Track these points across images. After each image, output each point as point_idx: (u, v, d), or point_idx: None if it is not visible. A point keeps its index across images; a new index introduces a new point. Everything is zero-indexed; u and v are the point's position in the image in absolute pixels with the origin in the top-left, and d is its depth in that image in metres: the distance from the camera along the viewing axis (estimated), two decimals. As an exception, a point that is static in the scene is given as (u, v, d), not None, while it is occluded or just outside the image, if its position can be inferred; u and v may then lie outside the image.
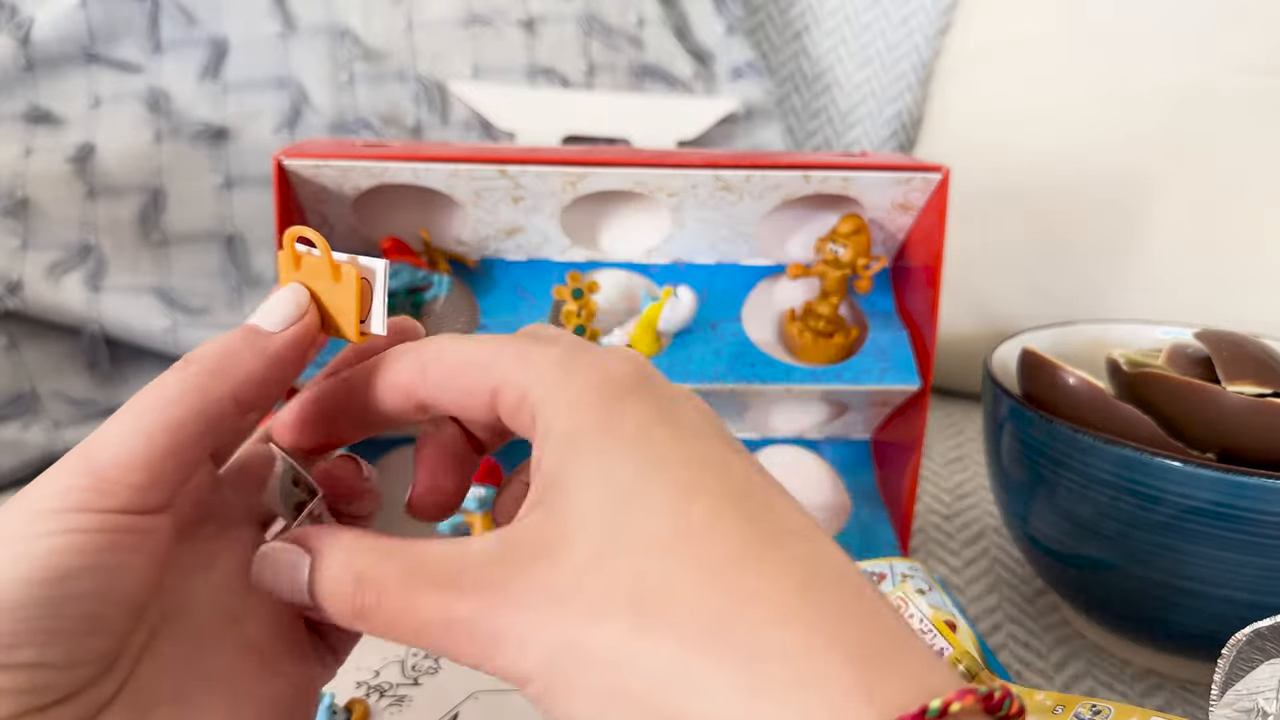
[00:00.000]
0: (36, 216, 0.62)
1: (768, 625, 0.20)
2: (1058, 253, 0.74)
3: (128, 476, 0.24)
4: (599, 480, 0.23)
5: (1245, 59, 0.71)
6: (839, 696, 0.19)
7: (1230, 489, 0.39)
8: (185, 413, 0.25)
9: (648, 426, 0.23)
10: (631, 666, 0.21)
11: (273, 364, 0.27)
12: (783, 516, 0.22)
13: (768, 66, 0.87)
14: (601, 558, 0.22)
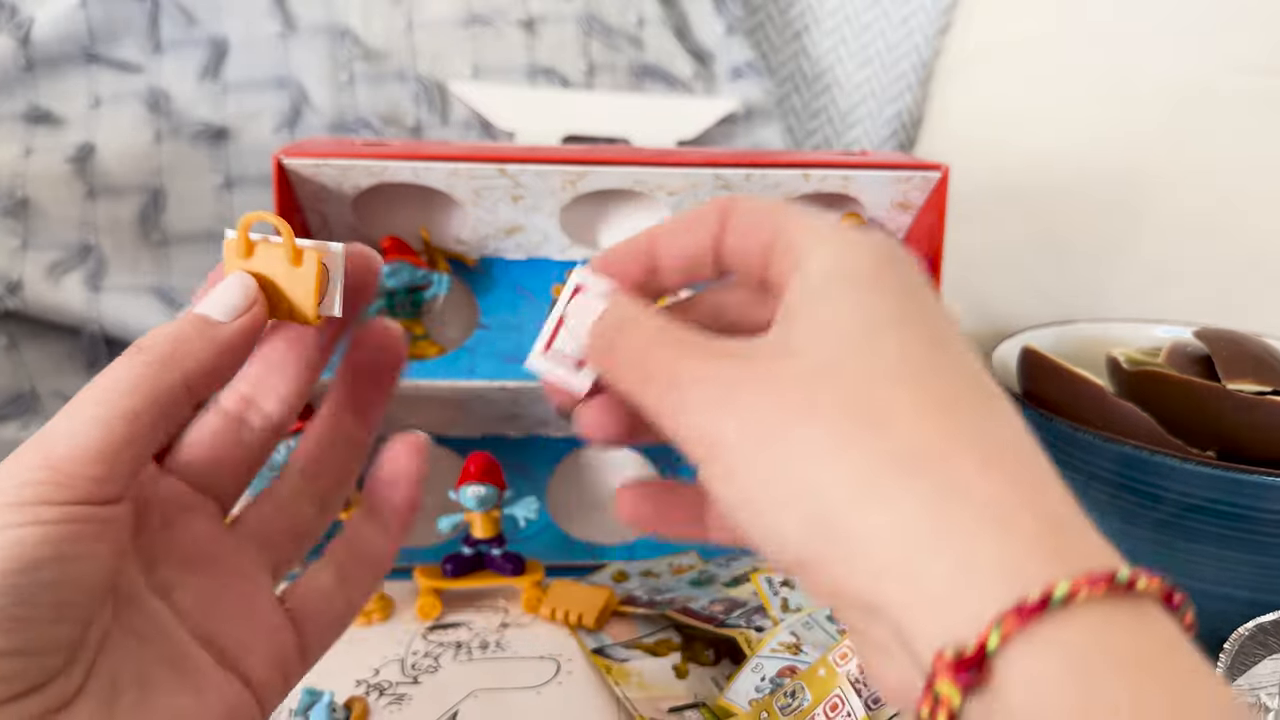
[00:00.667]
0: (36, 216, 0.62)
1: (968, 469, 0.21)
2: (1058, 253, 0.74)
3: (86, 469, 0.24)
4: (853, 310, 0.24)
5: (1245, 59, 0.71)
6: (1023, 545, 0.19)
7: (1230, 486, 0.39)
8: (139, 402, 0.25)
9: (903, 291, 0.24)
10: (824, 464, 0.21)
11: (223, 352, 0.27)
12: (998, 395, 0.23)
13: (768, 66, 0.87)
14: (833, 370, 0.23)
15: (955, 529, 0.20)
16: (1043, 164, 0.75)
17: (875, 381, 0.22)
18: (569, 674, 0.45)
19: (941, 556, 0.20)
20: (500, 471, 0.50)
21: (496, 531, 0.50)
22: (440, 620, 0.49)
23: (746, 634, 0.43)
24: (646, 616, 0.49)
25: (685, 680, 0.44)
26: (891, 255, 0.25)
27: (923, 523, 0.20)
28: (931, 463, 0.21)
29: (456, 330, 0.56)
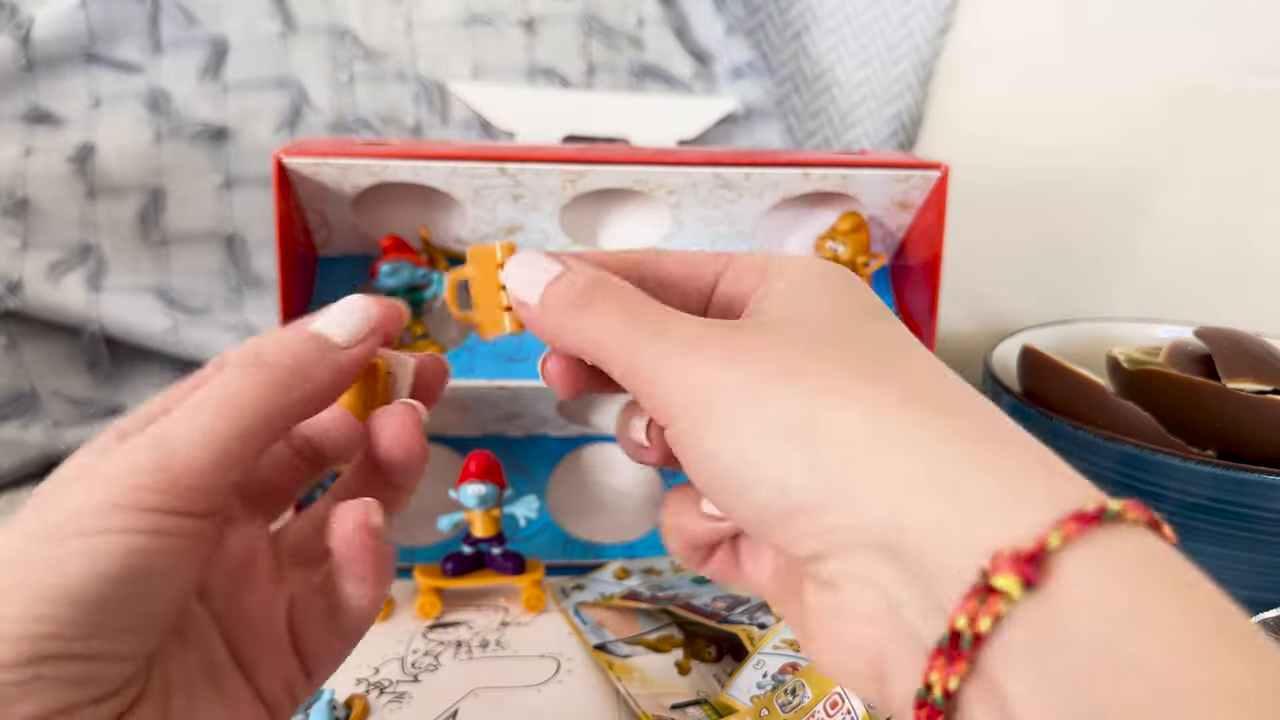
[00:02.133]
0: (36, 216, 0.62)
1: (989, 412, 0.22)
2: (1058, 252, 0.74)
3: (201, 482, 0.24)
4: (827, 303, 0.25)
5: (1245, 59, 0.71)
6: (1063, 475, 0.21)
7: (1230, 485, 0.39)
8: (257, 421, 0.25)
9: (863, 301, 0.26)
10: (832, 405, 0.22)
11: (339, 378, 0.27)
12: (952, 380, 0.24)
13: (768, 66, 0.87)
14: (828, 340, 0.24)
15: (990, 458, 0.21)
16: (1043, 164, 0.75)
17: (867, 351, 0.24)
18: (569, 672, 0.45)
19: (974, 477, 0.21)
20: (500, 470, 0.50)
21: (496, 530, 0.50)
22: (440, 619, 0.49)
23: (749, 630, 0.43)
24: (649, 613, 0.49)
25: (687, 677, 0.44)
26: (849, 278, 0.27)
27: (945, 449, 0.21)
28: (948, 405, 0.22)
29: (456, 330, 0.56)
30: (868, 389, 0.22)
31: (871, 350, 0.24)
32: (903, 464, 0.21)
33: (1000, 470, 0.21)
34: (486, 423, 0.57)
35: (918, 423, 0.22)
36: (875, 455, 0.21)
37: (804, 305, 0.25)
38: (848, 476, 0.22)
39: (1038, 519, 0.19)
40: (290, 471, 0.30)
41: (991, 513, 0.20)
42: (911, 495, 0.21)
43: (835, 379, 0.23)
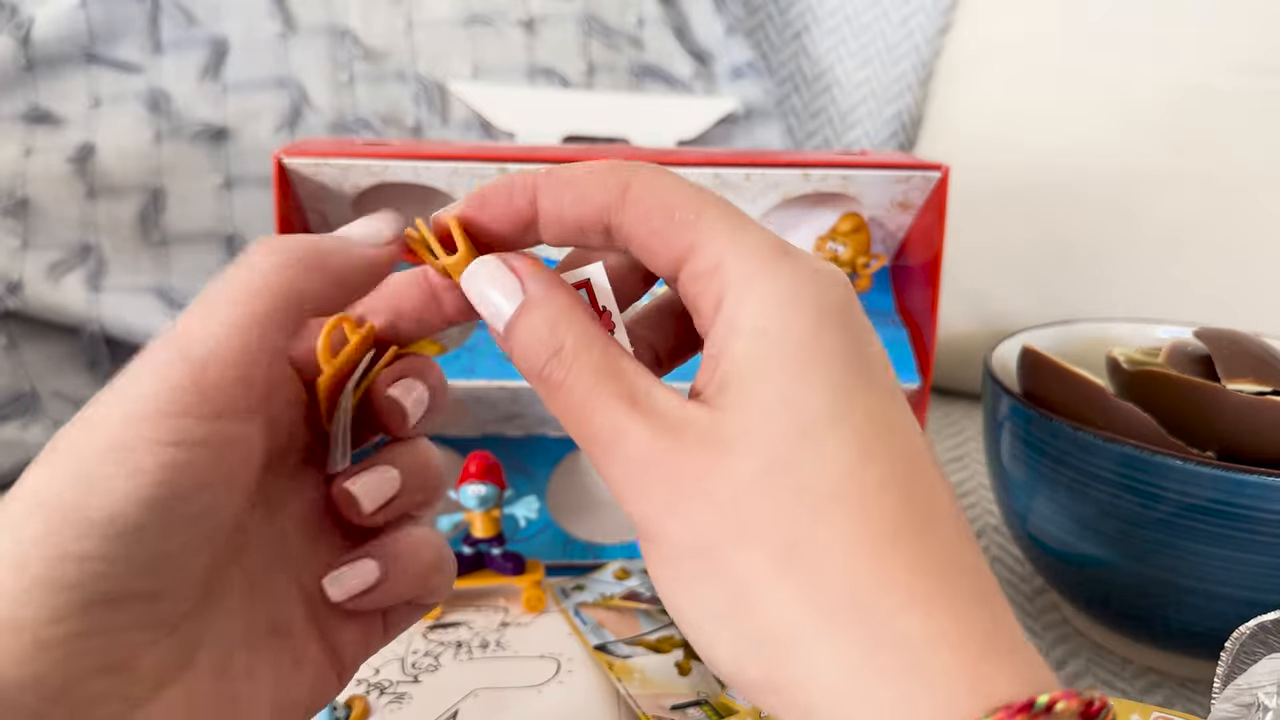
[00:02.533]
0: (36, 216, 0.62)
1: (897, 611, 0.20)
2: (1058, 253, 0.74)
3: (228, 373, 0.22)
4: (781, 403, 0.22)
5: (1245, 59, 0.71)
6: (947, 685, 0.20)
7: (1230, 487, 0.39)
8: (276, 304, 0.23)
9: (844, 366, 0.22)
10: (754, 600, 0.21)
11: (358, 274, 0.25)
12: (937, 498, 0.22)
13: (768, 66, 0.87)
14: (766, 485, 0.21)
15: (876, 677, 0.20)
16: (1043, 164, 0.75)
17: (806, 507, 0.21)
18: (570, 673, 0.45)
19: (866, 703, 0.20)
20: (500, 471, 0.50)
21: (497, 531, 0.50)
22: (440, 619, 0.49)
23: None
24: (649, 613, 0.49)
25: (688, 677, 0.44)
26: (822, 301, 0.23)
27: (845, 672, 0.20)
28: (859, 608, 0.20)
29: (456, 330, 0.56)
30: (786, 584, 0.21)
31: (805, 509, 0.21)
32: (809, 683, 0.21)
33: (893, 696, 0.20)
34: (486, 423, 0.57)
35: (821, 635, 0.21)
36: (788, 667, 0.21)
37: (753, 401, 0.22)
38: (770, 678, 0.21)
39: None
40: None
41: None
42: (813, 714, 0.21)
43: (760, 564, 0.21)
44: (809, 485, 0.21)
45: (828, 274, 0.23)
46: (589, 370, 0.23)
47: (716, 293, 0.23)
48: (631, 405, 0.23)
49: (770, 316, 0.22)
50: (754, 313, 0.23)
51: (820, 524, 0.21)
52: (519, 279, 0.25)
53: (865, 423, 0.22)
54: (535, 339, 0.24)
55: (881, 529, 0.21)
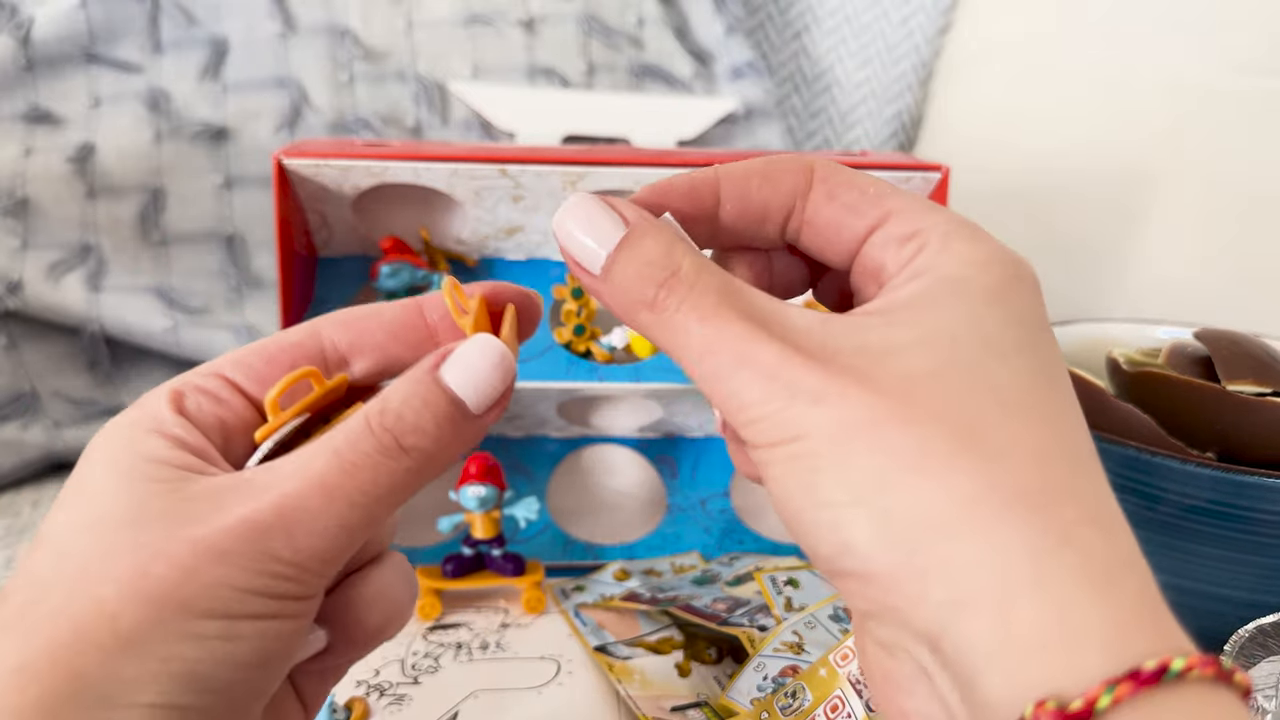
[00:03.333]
0: (36, 216, 0.62)
1: (1082, 521, 0.20)
2: (1058, 253, 0.74)
3: (325, 570, 0.23)
4: (969, 322, 0.22)
5: (1245, 59, 0.71)
6: (1131, 613, 0.19)
7: (1230, 488, 0.39)
8: (386, 511, 0.24)
9: (1034, 318, 0.23)
10: (924, 476, 0.20)
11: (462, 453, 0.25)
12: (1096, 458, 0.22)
13: (768, 66, 0.87)
14: (941, 376, 0.21)
15: (1057, 579, 0.19)
16: (1043, 164, 0.75)
17: (985, 407, 0.21)
18: (570, 674, 0.45)
19: (1042, 604, 0.19)
20: (500, 471, 0.50)
21: (497, 532, 0.50)
22: (440, 621, 0.49)
23: (749, 633, 0.44)
24: (649, 614, 0.49)
25: (687, 679, 0.44)
26: (1018, 273, 0.23)
27: (1023, 565, 0.19)
28: (1036, 504, 0.20)
29: (457, 330, 0.56)
30: (955, 462, 0.20)
31: (978, 400, 0.21)
32: (968, 568, 0.20)
33: (1061, 597, 0.19)
34: (486, 423, 0.57)
35: (992, 519, 0.20)
36: (945, 548, 0.20)
37: (936, 318, 0.22)
38: (913, 562, 0.20)
39: (1092, 670, 0.18)
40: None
41: (1042, 652, 0.19)
42: (960, 610, 0.19)
43: (927, 441, 0.20)
44: (986, 392, 0.21)
45: (1013, 253, 0.24)
46: (712, 290, 0.23)
47: (912, 252, 0.23)
48: (762, 325, 0.22)
49: (964, 264, 0.22)
50: (951, 263, 0.23)
51: (1008, 417, 0.21)
52: (618, 211, 0.24)
53: (1051, 362, 0.22)
54: (646, 262, 0.23)
55: (1054, 445, 0.21)
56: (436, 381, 0.24)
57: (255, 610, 0.22)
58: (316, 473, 0.23)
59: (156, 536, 0.22)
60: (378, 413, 0.24)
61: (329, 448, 0.23)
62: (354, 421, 0.24)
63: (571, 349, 0.53)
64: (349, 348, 0.27)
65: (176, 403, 0.25)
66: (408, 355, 0.27)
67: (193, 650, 0.21)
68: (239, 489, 0.23)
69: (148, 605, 0.21)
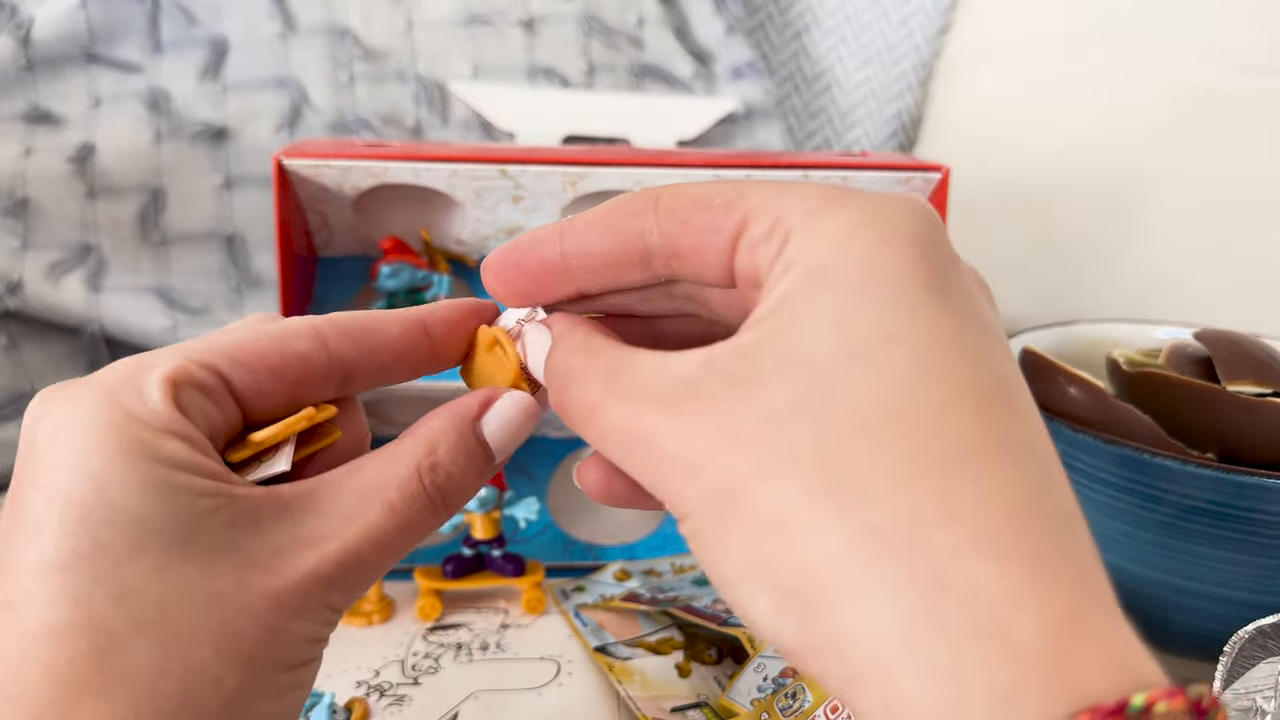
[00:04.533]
0: (36, 216, 0.62)
1: (962, 549, 0.17)
2: (1058, 253, 0.74)
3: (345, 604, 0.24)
4: (830, 325, 0.19)
5: (1245, 59, 0.71)
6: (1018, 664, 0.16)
7: (1230, 488, 0.39)
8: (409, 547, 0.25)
9: (909, 284, 0.19)
10: (789, 538, 0.18)
11: None
12: (1021, 429, 0.19)
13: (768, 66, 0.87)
14: (800, 412, 0.18)
15: (935, 635, 0.17)
16: (1043, 164, 0.75)
17: (846, 434, 0.18)
18: (570, 675, 0.45)
19: (921, 672, 0.17)
20: (500, 472, 0.50)
21: (497, 532, 0.50)
22: (440, 621, 0.49)
23: (749, 633, 0.44)
24: (649, 615, 0.49)
25: (688, 679, 0.44)
26: (891, 229, 0.20)
27: (897, 624, 0.17)
28: (905, 544, 0.17)
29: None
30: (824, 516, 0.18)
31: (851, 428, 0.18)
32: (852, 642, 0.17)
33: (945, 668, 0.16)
34: (486, 424, 0.57)
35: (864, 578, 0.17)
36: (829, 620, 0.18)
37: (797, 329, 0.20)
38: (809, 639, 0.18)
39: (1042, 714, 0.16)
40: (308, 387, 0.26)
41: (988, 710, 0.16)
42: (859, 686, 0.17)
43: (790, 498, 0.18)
44: (853, 406, 0.18)
45: (903, 202, 0.21)
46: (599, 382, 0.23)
47: (777, 246, 0.21)
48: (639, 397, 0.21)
49: (832, 248, 0.20)
50: (815, 246, 0.20)
51: (866, 443, 0.18)
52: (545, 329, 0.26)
53: (930, 342, 0.19)
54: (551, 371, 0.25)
55: (944, 451, 0.18)
56: (478, 437, 0.26)
57: (314, 656, 0.23)
58: (374, 527, 0.23)
59: (230, 584, 0.21)
60: (429, 468, 0.24)
61: (382, 501, 0.24)
62: (403, 475, 0.24)
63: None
64: (353, 364, 0.26)
65: (173, 394, 0.23)
66: (407, 374, 0.28)
67: (274, 704, 0.22)
68: (293, 525, 0.23)
69: (246, 667, 0.21)
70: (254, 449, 0.24)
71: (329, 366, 0.25)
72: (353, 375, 0.26)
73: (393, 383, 0.27)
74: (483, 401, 0.26)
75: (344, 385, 0.26)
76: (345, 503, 0.23)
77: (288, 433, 0.25)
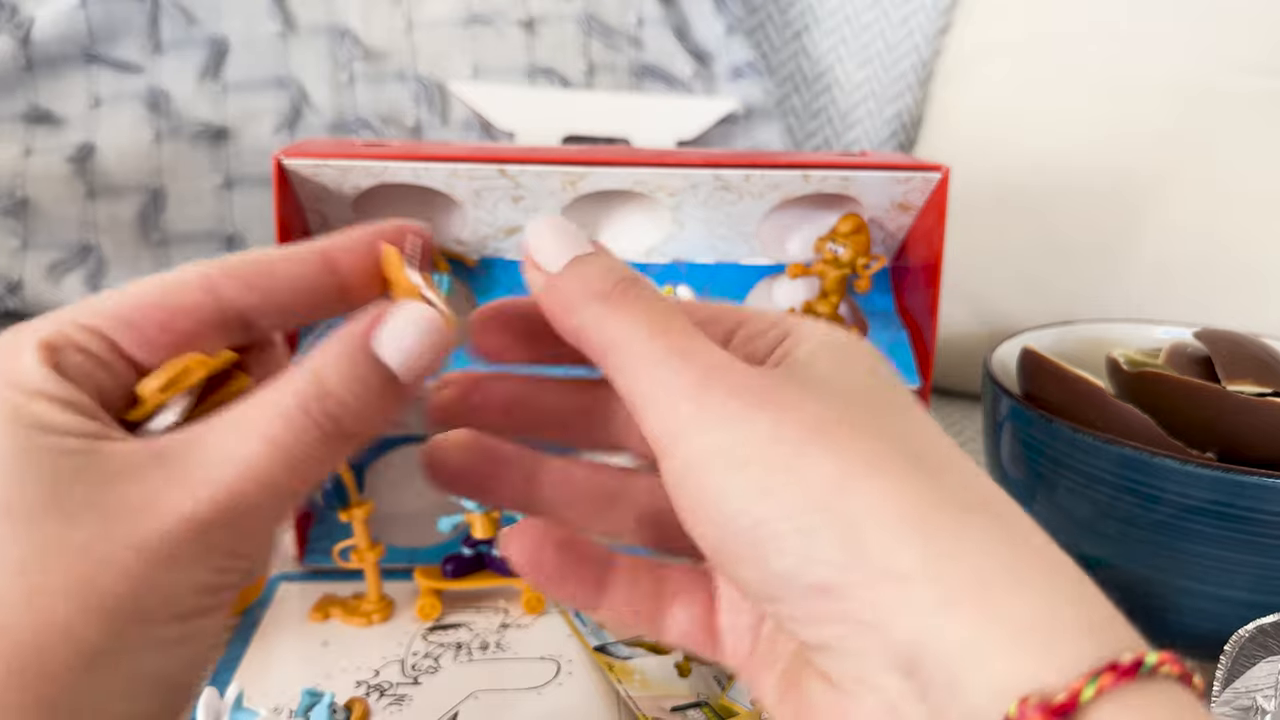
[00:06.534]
0: (36, 216, 0.62)
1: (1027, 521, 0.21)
2: (1058, 253, 0.74)
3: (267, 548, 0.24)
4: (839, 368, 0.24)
5: (1245, 59, 0.71)
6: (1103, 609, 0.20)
7: (1230, 488, 0.39)
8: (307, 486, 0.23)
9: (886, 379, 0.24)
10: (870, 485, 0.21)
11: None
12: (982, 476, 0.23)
13: (768, 66, 0.87)
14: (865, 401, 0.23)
15: (1029, 574, 0.20)
16: (1043, 164, 0.75)
17: (903, 423, 0.22)
18: (569, 674, 0.45)
19: (1020, 599, 0.19)
20: (500, 472, 0.50)
21: (497, 532, 0.50)
22: (440, 621, 0.49)
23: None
24: (647, 617, 0.49)
25: (688, 679, 0.44)
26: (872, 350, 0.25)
27: (993, 562, 0.20)
28: (990, 509, 0.21)
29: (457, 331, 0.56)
30: (910, 470, 0.21)
31: (905, 426, 0.22)
32: (943, 566, 0.20)
33: (1036, 593, 0.19)
34: (486, 424, 0.57)
35: (959, 521, 0.20)
36: (915, 549, 0.20)
37: (833, 367, 0.24)
38: (885, 565, 0.20)
39: (1072, 663, 0.18)
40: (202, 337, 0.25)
41: (1024, 647, 0.19)
42: (944, 608, 0.19)
43: (877, 451, 0.21)
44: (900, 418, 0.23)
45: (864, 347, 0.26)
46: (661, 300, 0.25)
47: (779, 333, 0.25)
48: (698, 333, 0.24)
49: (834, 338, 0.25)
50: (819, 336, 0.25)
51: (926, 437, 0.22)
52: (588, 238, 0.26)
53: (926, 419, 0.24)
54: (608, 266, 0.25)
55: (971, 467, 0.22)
56: (373, 359, 0.23)
57: (209, 605, 0.22)
58: (255, 464, 0.22)
59: (92, 536, 0.20)
60: (316, 397, 0.22)
61: (262, 433, 0.22)
62: (286, 406, 0.22)
63: (571, 349, 0.53)
64: (251, 310, 0.25)
65: (50, 358, 0.22)
66: (317, 314, 0.26)
67: (155, 658, 0.21)
68: (166, 471, 0.21)
69: (107, 619, 0.20)
70: (150, 406, 0.24)
71: (222, 315, 0.25)
72: (254, 320, 0.25)
73: (302, 323, 0.26)
74: (373, 319, 0.24)
75: (247, 331, 0.25)
76: (225, 442, 0.22)
77: (169, 384, 0.24)
